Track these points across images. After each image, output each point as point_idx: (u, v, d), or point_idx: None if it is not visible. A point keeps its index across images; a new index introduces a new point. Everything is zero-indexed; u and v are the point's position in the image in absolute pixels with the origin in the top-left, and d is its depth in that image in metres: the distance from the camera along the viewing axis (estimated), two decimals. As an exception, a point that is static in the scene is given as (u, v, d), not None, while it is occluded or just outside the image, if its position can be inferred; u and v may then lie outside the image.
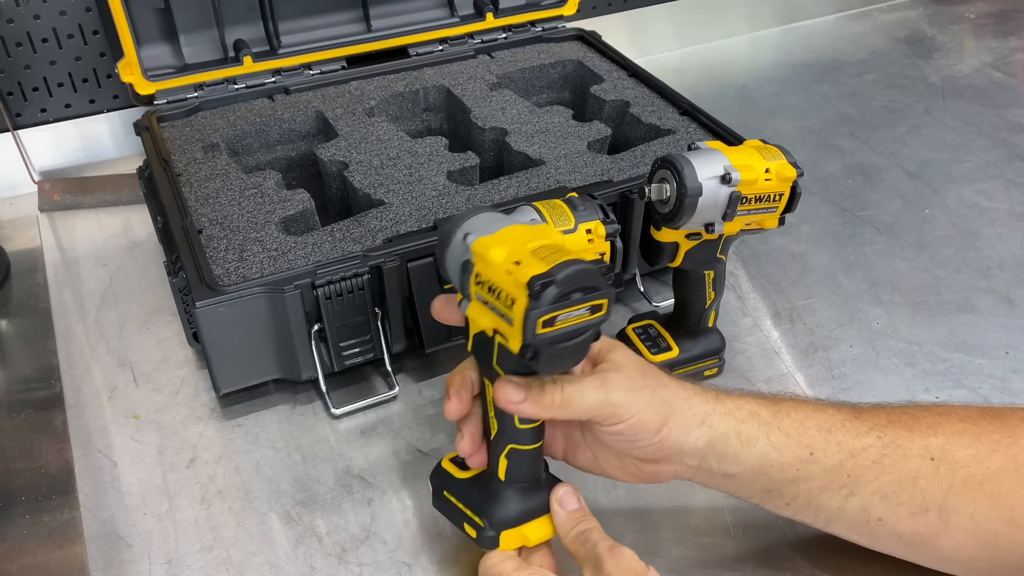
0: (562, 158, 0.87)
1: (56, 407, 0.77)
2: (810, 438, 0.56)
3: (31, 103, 1.05)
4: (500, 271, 0.49)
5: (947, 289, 0.90)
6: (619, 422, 0.54)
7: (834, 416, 0.58)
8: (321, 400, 0.76)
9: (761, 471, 0.56)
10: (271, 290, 0.69)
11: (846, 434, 0.57)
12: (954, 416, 0.58)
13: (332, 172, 0.88)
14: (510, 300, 0.48)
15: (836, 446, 0.56)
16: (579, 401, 0.53)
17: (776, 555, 0.63)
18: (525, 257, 0.48)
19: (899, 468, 0.55)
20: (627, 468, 0.59)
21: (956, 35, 1.46)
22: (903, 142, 1.16)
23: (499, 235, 0.52)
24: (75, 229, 1.00)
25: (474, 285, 0.51)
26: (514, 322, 0.47)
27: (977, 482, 0.55)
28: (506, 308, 0.48)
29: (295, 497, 0.69)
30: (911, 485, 0.55)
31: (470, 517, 0.57)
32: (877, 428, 0.57)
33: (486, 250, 0.50)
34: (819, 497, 0.56)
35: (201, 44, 0.99)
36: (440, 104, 1.01)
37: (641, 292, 0.86)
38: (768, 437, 0.56)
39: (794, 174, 0.67)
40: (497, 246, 0.50)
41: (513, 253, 0.49)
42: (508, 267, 0.48)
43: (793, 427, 0.57)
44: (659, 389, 0.56)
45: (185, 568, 0.64)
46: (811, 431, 0.57)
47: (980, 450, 0.55)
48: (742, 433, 0.56)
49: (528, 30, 1.10)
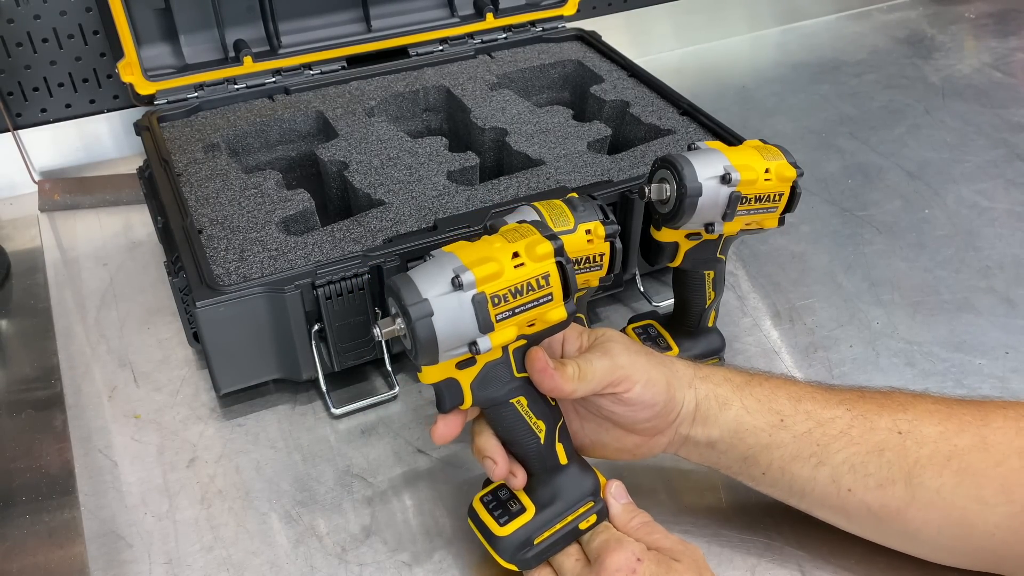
0: (562, 158, 0.87)
1: (56, 407, 0.77)
2: (780, 405, 0.59)
3: (31, 103, 1.05)
4: (512, 271, 0.52)
5: (947, 289, 0.90)
6: (633, 384, 0.57)
7: (804, 388, 0.61)
8: (321, 400, 0.77)
9: (737, 434, 0.59)
10: (271, 290, 0.69)
11: (815, 404, 0.59)
12: (928, 399, 0.60)
13: (332, 172, 0.88)
14: (543, 278, 0.52)
15: (805, 414, 0.59)
16: (591, 370, 0.56)
17: (776, 553, 0.63)
18: (508, 247, 0.52)
19: (866, 439, 0.57)
20: (625, 446, 0.61)
21: (956, 35, 1.46)
22: (903, 142, 1.16)
23: (464, 262, 0.51)
24: (75, 229, 1.00)
25: (492, 308, 0.51)
26: (555, 290, 0.53)
27: (944, 457, 0.56)
28: (542, 288, 0.52)
29: (295, 497, 0.69)
30: (877, 456, 0.57)
31: (576, 516, 0.58)
32: (847, 402, 0.59)
33: (484, 270, 0.51)
34: (791, 465, 0.58)
35: (201, 44, 0.99)
36: (440, 104, 1.01)
37: (641, 292, 0.86)
38: (741, 401, 0.59)
39: (794, 174, 0.67)
40: (481, 263, 0.51)
41: (495, 255, 0.52)
42: (513, 263, 0.52)
43: (764, 394, 0.60)
44: (651, 355, 0.60)
45: (185, 568, 0.64)
46: (781, 399, 0.59)
47: (949, 428, 0.57)
48: (719, 396, 0.59)
49: (528, 30, 1.11)
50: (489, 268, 0.51)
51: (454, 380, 0.54)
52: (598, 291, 0.68)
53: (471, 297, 0.50)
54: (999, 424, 0.56)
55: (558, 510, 0.58)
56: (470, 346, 0.52)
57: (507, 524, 0.58)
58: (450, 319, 0.50)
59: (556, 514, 0.58)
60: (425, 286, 0.50)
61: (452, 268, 0.51)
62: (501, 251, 0.52)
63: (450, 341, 0.51)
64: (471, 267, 0.51)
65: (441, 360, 0.52)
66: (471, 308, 0.50)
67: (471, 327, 0.51)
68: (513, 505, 0.59)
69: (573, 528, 0.58)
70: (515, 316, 0.52)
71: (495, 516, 0.59)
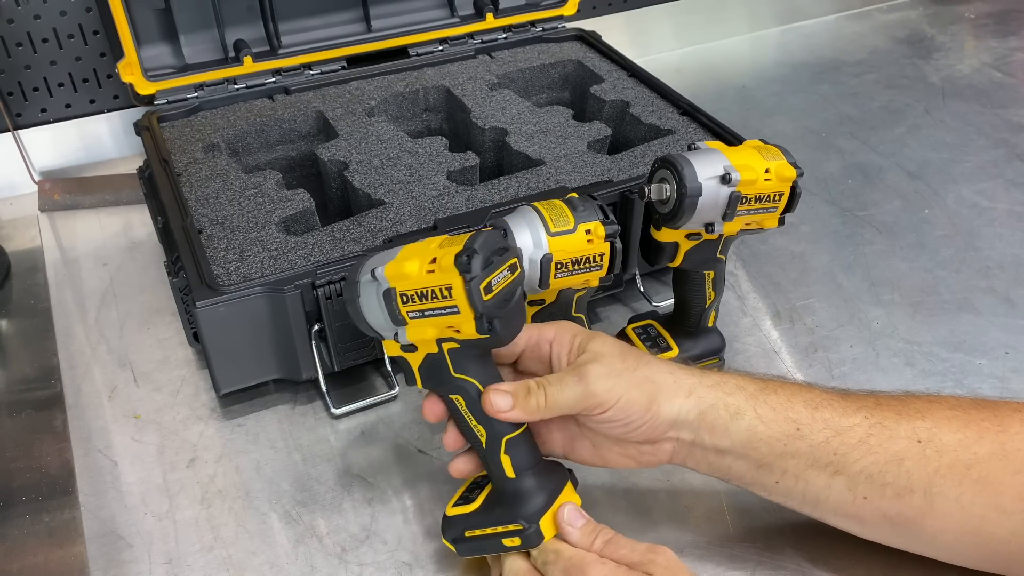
0: (562, 158, 0.87)
1: (56, 407, 0.77)
2: (797, 413, 0.57)
3: (31, 103, 1.05)
4: (423, 274, 0.53)
5: (947, 289, 0.90)
6: (606, 409, 0.55)
7: (821, 395, 0.59)
8: (321, 400, 0.77)
9: (751, 444, 0.57)
10: (271, 290, 0.69)
11: (833, 412, 0.57)
12: (944, 404, 0.58)
13: (332, 172, 0.88)
14: (446, 289, 0.52)
15: (823, 423, 0.57)
16: (561, 398, 0.55)
17: (777, 554, 0.63)
18: (435, 253, 0.53)
19: (885, 448, 0.56)
20: (627, 453, 0.60)
21: (956, 35, 1.46)
22: (903, 142, 1.16)
23: (400, 255, 0.56)
24: (75, 229, 1.00)
25: (402, 305, 0.54)
26: (460, 304, 0.52)
27: (964, 467, 0.55)
28: (445, 299, 0.52)
29: (295, 497, 0.69)
30: (896, 466, 0.55)
31: (505, 531, 0.57)
32: (864, 409, 0.58)
33: (400, 267, 0.54)
34: (807, 473, 0.57)
35: (201, 44, 0.99)
36: (440, 104, 1.01)
37: (641, 292, 0.86)
38: (755, 410, 0.57)
39: (794, 174, 0.67)
40: (406, 260, 0.54)
41: (423, 259, 0.54)
42: (427, 268, 0.53)
43: (780, 402, 0.58)
44: (640, 368, 0.57)
45: (185, 568, 0.64)
46: (798, 407, 0.57)
47: (968, 436, 0.56)
48: (730, 405, 0.57)
49: (528, 30, 1.10)
50: (399, 268, 0.54)
51: (405, 360, 0.59)
52: (598, 291, 0.68)
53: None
54: (1017, 430, 0.56)
55: (490, 519, 0.58)
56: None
57: (457, 507, 0.61)
58: (371, 306, 0.57)
59: (487, 521, 0.58)
60: (363, 270, 0.57)
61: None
62: (425, 254, 0.54)
63: (378, 323, 0.57)
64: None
65: (385, 339, 0.58)
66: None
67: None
68: (472, 493, 0.61)
69: (497, 542, 0.57)
70: (426, 318, 0.54)
71: (462, 496, 0.62)
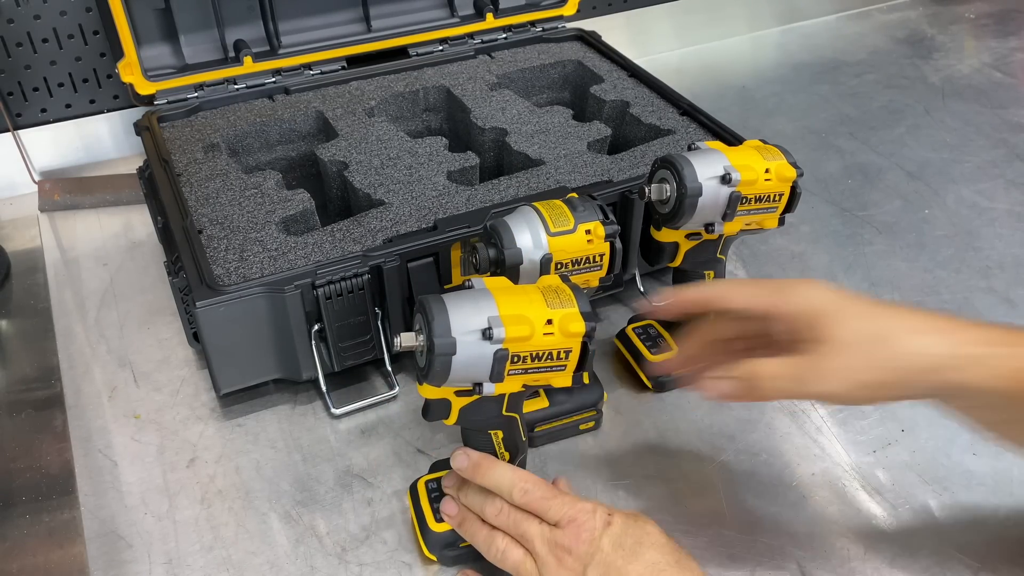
0: (562, 158, 0.87)
1: (56, 407, 0.77)
2: None
3: (31, 103, 1.05)
4: (540, 336, 0.52)
5: (947, 289, 0.90)
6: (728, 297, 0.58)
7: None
8: (321, 400, 0.77)
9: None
10: (271, 290, 0.69)
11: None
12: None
13: (332, 172, 0.88)
14: (563, 353, 0.53)
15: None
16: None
17: (777, 554, 0.63)
18: (546, 312, 0.52)
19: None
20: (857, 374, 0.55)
21: (956, 35, 1.46)
22: (903, 142, 1.16)
23: (504, 311, 0.52)
24: (75, 229, 1.00)
25: (511, 365, 0.52)
26: (571, 364, 0.54)
27: None
28: (559, 360, 0.54)
29: (295, 497, 0.69)
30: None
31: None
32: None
33: (517, 331, 0.51)
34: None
35: (201, 44, 0.99)
36: (440, 104, 1.01)
37: (641, 292, 0.86)
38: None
39: (794, 174, 0.67)
40: (516, 322, 0.52)
41: (537, 318, 0.52)
42: (544, 330, 0.52)
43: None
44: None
45: (185, 568, 0.64)
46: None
47: None
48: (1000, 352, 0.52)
49: (528, 30, 1.11)
50: (522, 331, 0.51)
51: (447, 401, 0.56)
52: (598, 291, 0.68)
53: (495, 351, 0.51)
54: None
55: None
56: (476, 386, 0.53)
57: (442, 522, 0.61)
58: (469, 362, 0.51)
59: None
60: (458, 323, 0.51)
61: (488, 317, 0.51)
62: (538, 313, 0.52)
63: (460, 377, 0.52)
64: (506, 323, 0.51)
65: (444, 386, 0.54)
66: (491, 359, 0.52)
67: (484, 374, 0.52)
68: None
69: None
70: (527, 375, 0.54)
71: (434, 508, 0.62)
